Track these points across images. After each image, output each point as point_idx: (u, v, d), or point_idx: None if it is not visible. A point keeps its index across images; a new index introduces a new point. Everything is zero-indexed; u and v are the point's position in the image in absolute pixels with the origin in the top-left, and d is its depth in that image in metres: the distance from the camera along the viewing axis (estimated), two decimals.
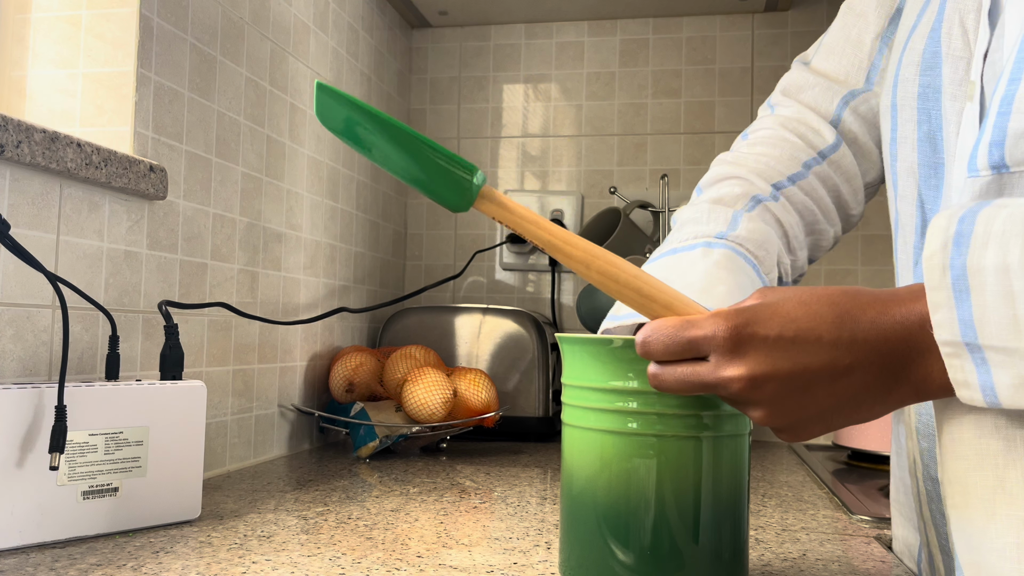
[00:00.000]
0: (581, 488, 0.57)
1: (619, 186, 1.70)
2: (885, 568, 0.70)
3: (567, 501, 0.59)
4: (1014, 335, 0.43)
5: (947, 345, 0.45)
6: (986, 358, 0.44)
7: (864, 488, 1.09)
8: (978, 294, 0.44)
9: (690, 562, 0.55)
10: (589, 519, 0.56)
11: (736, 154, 0.78)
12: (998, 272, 0.43)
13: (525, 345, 1.42)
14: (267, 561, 0.66)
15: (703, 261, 0.67)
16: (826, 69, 0.78)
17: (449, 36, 1.78)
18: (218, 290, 1.06)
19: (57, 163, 0.77)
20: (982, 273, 0.44)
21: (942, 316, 0.45)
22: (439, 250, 1.77)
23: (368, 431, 1.19)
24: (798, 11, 1.67)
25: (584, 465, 0.57)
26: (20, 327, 0.76)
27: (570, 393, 0.59)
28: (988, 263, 0.44)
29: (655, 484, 0.54)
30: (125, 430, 0.73)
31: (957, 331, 0.44)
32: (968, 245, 0.45)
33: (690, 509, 0.54)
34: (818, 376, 0.48)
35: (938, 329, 0.45)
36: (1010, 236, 0.43)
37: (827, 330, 0.48)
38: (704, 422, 0.55)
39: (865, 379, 0.48)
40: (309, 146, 1.30)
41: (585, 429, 0.57)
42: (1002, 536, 0.47)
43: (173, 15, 0.96)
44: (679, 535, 0.54)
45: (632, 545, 0.55)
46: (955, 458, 0.50)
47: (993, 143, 0.49)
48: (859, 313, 0.48)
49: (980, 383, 0.45)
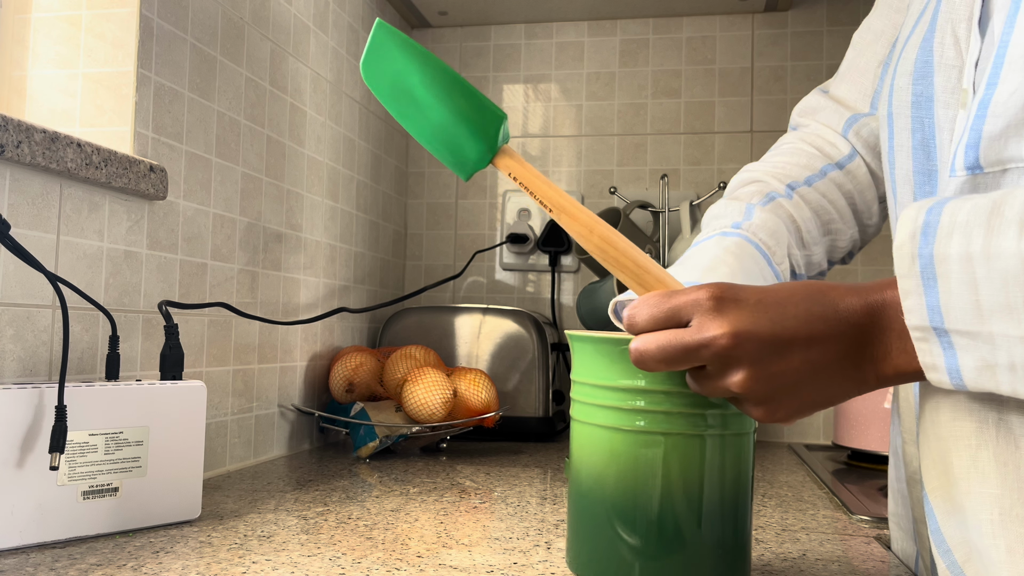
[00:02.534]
0: (591, 483, 0.59)
1: (619, 186, 1.70)
2: (885, 568, 0.70)
3: (576, 497, 0.60)
4: (977, 320, 0.45)
5: (917, 330, 0.48)
6: (952, 342, 0.47)
7: (864, 488, 1.09)
8: (944, 281, 0.46)
9: (695, 554, 0.56)
10: (599, 514, 0.58)
11: (758, 163, 0.83)
12: (962, 260, 0.46)
13: (525, 345, 1.42)
14: (267, 561, 0.66)
15: (715, 247, 0.71)
16: (839, 95, 0.83)
17: (449, 36, 1.78)
18: (218, 290, 1.06)
19: (57, 163, 0.77)
20: (947, 261, 0.46)
21: (912, 302, 0.48)
22: (439, 250, 1.77)
23: (368, 431, 1.19)
24: (798, 11, 1.67)
25: (594, 461, 0.59)
26: (20, 327, 0.76)
27: (580, 390, 0.61)
28: (953, 252, 0.46)
29: (662, 479, 0.56)
30: (125, 430, 0.73)
31: (925, 316, 0.47)
32: (935, 235, 0.47)
33: (696, 503, 0.56)
34: (795, 340, 0.50)
35: (908, 315, 0.48)
36: (973, 226, 0.46)
37: (803, 302, 0.51)
38: (709, 421, 0.56)
39: (837, 350, 0.51)
40: (309, 146, 1.30)
41: (595, 426, 0.59)
42: (977, 513, 0.50)
43: (173, 15, 0.96)
44: (686, 528, 0.56)
45: (640, 538, 0.56)
46: (935, 439, 0.53)
47: (969, 145, 0.51)
48: (833, 293, 0.52)
49: (947, 366, 0.47)
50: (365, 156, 1.54)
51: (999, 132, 0.49)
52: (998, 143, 0.50)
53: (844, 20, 1.64)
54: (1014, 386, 0.45)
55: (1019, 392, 0.45)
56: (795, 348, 0.51)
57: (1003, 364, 0.45)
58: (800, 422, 1.60)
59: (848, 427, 1.34)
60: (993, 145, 0.50)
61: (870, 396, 1.31)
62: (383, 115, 1.63)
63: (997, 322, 0.44)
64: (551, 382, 1.44)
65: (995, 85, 0.50)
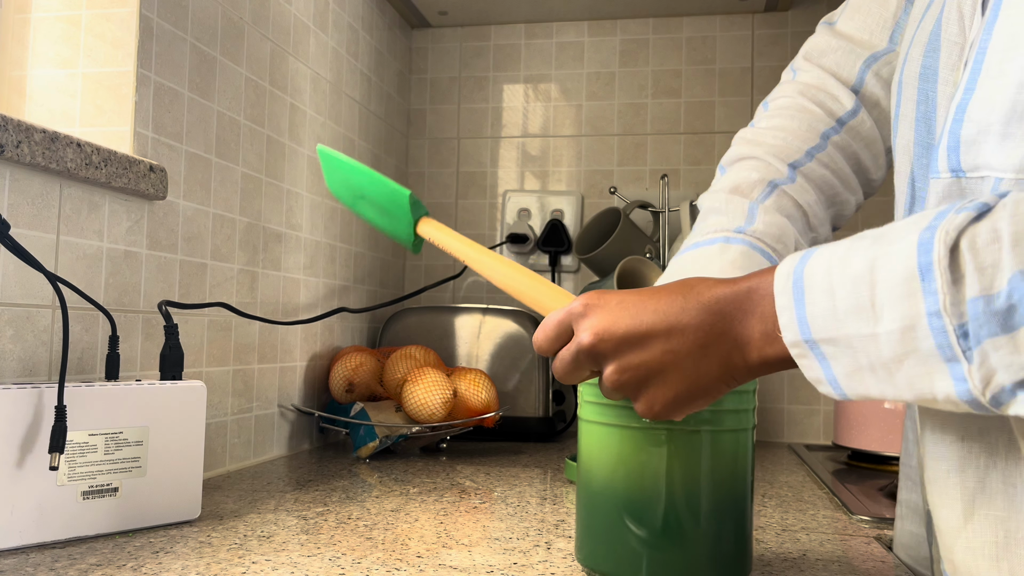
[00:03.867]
0: (601, 479, 0.61)
1: (619, 186, 1.70)
2: (885, 568, 0.70)
3: (586, 493, 0.62)
4: (835, 325, 0.46)
5: (794, 346, 0.49)
6: (823, 352, 0.48)
7: (864, 488, 1.09)
8: (810, 292, 0.48)
9: (700, 545, 0.59)
10: (610, 508, 0.60)
11: (755, 131, 0.79)
12: (824, 271, 0.47)
13: (525, 345, 1.42)
14: (267, 561, 0.66)
15: (720, 259, 0.71)
16: (850, 30, 0.78)
17: (449, 36, 1.78)
18: (218, 290, 1.06)
19: (57, 163, 0.77)
20: (814, 275, 0.48)
21: (787, 318, 0.49)
22: (439, 250, 1.77)
23: (368, 431, 1.19)
24: (798, 11, 1.67)
25: (604, 458, 0.61)
26: (20, 327, 0.76)
27: (588, 391, 0.63)
28: (819, 265, 0.48)
29: (666, 474, 0.59)
30: (125, 430, 0.73)
31: (797, 330, 0.48)
32: (810, 256, 0.49)
33: (696, 497, 0.59)
34: (652, 333, 0.53)
35: (785, 332, 0.49)
36: (835, 243, 0.48)
37: (665, 297, 0.54)
38: (706, 417, 0.59)
39: (697, 338, 0.52)
40: (309, 146, 1.30)
41: (604, 424, 0.61)
42: (980, 535, 0.50)
43: (173, 15, 0.96)
44: (688, 521, 0.59)
45: (648, 531, 0.59)
46: (936, 459, 0.53)
47: (950, 147, 0.52)
48: (701, 285, 0.54)
49: (826, 377, 0.48)
50: (365, 156, 1.54)
51: (973, 138, 0.50)
52: (974, 149, 0.50)
53: None
54: (881, 388, 0.46)
55: (887, 394, 0.46)
56: (654, 340, 0.53)
57: (864, 366, 0.46)
58: (800, 422, 1.60)
59: (848, 427, 1.34)
60: (971, 150, 0.50)
61: None
62: (383, 115, 1.63)
63: (852, 323, 0.45)
64: (551, 382, 1.44)
65: (972, 90, 0.50)
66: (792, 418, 1.61)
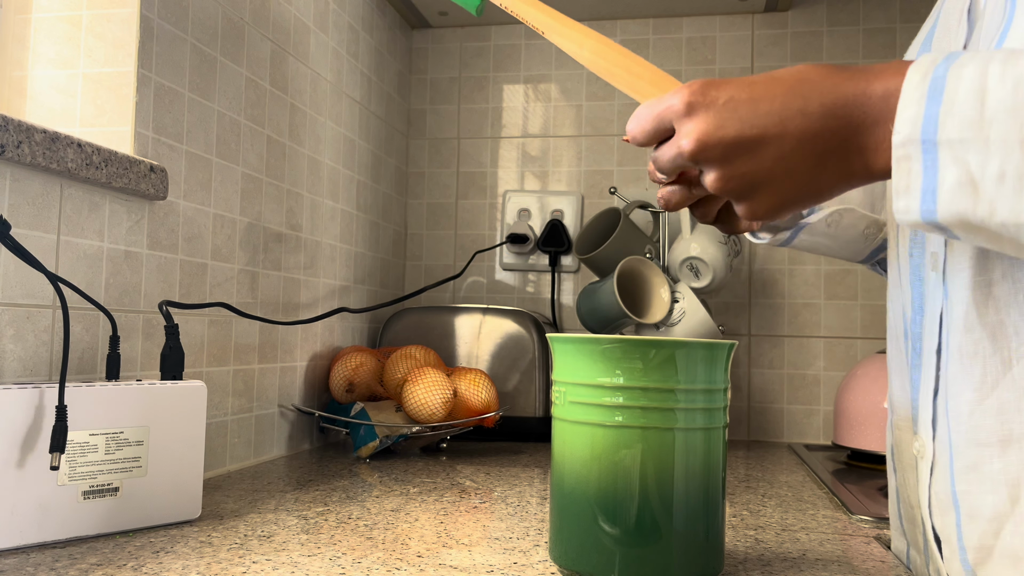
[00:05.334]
0: (574, 477, 0.61)
1: (619, 186, 1.70)
2: (885, 568, 0.70)
3: (560, 492, 0.63)
4: (976, 126, 0.43)
5: (900, 147, 0.45)
6: (937, 158, 0.44)
7: (864, 488, 1.09)
8: (951, 93, 0.44)
9: (671, 542, 0.59)
10: (583, 507, 0.61)
11: None
12: (976, 74, 0.44)
13: (525, 345, 1.42)
14: (267, 561, 0.66)
15: None
16: None
17: (449, 36, 1.78)
18: (218, 290, 1.06)
19: (57, 163, 0.77)
20: (960, 78, 0.44)
21: (909, 113, 0.45)
22: (439, 250, 1.77)
23: (368, 431, 1.19)
24: (798, 11, 1.67)
25: (577, 456, 0.61)
26: (20, 327, 0.76)
27: (561, 389, 0.63)
28: (968, 69, 0.44)
29: (639, 470, 0.59)
30: (125, 430, 0.73)
31: (919, 126, 0.45)
32: (956, 57, 0.45)
33: (668, 495, 0.59)
34: (764, 139, 0.49)
35: (898, 128, 0.45)
36: (990, 57, 0.44)
37: (781, 95, 0.49)
38: (677, 415, 0.60)
39: (815, 145, 0.48)
40: (309, 146, 1.30)
41: (576, 423, 0.61)
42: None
43: (173, 15, 0.96)
44: (662, 518, 0.59)
45: (621, 529, 0.59)
46: (973, 446, 0.52)
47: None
48: (819, 78, 0.49)
49: (923, 186, 0.45)
50: (365, 156, 1.54)
51: None
52: None
53: (844, 20, 1.64)
54: (992, 204, 0.43)
55: (996, 212, 0.43)
56: (765, 146, 0.49)
57: (991, 174, 0.43)
58: (800, 422, 1.60)
59: (848, 427, 1.34)
60: None
61: (870, 396, 1.31)
62: (383, 115, 1.63)
63: (999, 125, 0.42)
64: (551, 382, 1.44)
65: None
66: (792, 418, 1.61)
